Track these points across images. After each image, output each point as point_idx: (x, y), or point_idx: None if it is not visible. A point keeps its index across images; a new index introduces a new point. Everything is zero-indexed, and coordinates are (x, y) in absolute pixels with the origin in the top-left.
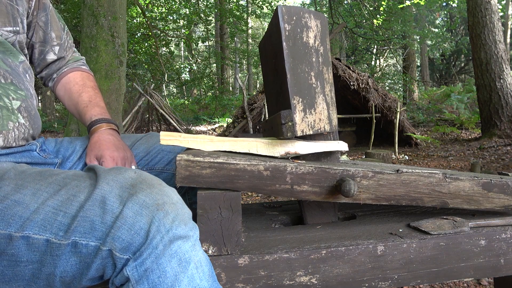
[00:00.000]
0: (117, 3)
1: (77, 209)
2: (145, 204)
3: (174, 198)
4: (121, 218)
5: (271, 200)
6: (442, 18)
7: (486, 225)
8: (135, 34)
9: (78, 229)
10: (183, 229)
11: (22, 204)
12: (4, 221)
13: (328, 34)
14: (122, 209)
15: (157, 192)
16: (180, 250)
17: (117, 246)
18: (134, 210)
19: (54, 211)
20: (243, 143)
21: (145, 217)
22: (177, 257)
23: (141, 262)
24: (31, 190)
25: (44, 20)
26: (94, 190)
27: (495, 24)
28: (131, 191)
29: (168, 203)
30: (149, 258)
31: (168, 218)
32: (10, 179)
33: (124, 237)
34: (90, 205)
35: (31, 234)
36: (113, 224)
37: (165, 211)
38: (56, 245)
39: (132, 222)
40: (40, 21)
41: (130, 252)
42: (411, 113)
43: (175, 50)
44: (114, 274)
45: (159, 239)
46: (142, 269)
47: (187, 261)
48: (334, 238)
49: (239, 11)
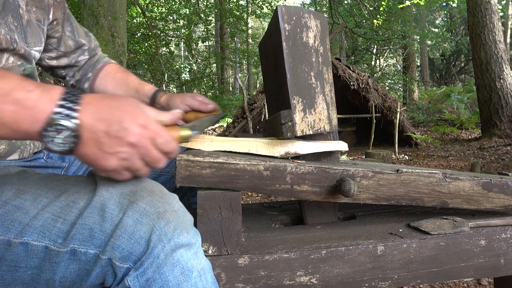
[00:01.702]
0: (117, 3)
1: (76, 216)
2: (145, 212)
3: (176, 205)
4: (121, 226)
5: (271, 200)
6: (442, 18)
7: (486, 225)
8: (135, 34)
9: (76, 236)
10: (185, 237)
11: (22, 209)
12: (4, 226)
13: (328, 34)
14: (122, 217)
15: (158, 199)
16: (183, 259)
17: (116, 255)
18: (134, 218)
19: (53, 218)
20: (243, 143)
21: (145, 225)
22: (179, 266)
23: (142, 272)
24: (31, 195)
25: (70, 29)
26: (94, 197)
27: (495, 24)
28: (131, 198)
29: (169, 211)
30: (150, 268)
31: (170, 226)
32: (12, 183)
33: (124, 246)
34: (89, 212)
35: (30, 240)
36: (113, 232)
37: (166, 220)
38: (54, 252)
39: (132, 230)
40: (67, 32)
41: (130, 261)
42: (411, 113)
43: (175, 50)
44: (115, 283)
45: (161, 248)
46: (143, 279)
47: (190, 270)
48: (334, 238)
49: (239, 11)
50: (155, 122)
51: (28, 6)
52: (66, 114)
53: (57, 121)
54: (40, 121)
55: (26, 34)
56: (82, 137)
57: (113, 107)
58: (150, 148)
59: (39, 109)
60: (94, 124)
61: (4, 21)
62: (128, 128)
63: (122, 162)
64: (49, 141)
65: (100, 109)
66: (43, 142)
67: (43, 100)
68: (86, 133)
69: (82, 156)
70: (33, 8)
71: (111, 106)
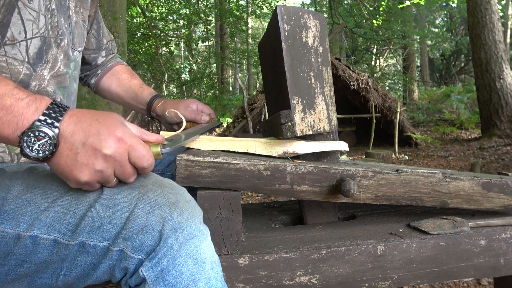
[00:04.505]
0: (117, 3)
1: (86, 209)
2: (156, 203)
3: (187, 196)
4: (132, 218)
5: (271, 200)
6: (442, 18)
7: (486, 225)
8: (135, 34)
9: (85, 229)
10: (199, 228)
11: (33, 203)
12: (14, 220)
13: (327, 34)
14: (132, 209)
15: (169, 191)
16: (196, 250)
17: (128, 246)
18: (146, 210)
19: (63, 211)
20: (241, 143)
21: (157, 216)
22: (193, 257)
23: (156, 262)
24: (42, 189)
25: (96, 28)
26: (103, 190)
27: (495, 24)
28: (141, 190)
29: (181, 201)
30: (165, 258)
31: (183, 216)
32: (23, 178)
33: (136, 236)
34: (99, 205)
35: (39, 233)
36: (124, 224)
37: (179, 210)
38: (63, 245)
39: (144, 222)
40: (93, 30)
41: (143, 253)
42: (411, 113)
43: (175, 50)
44: (128, 276)
45: (174, 238)
46: (158, 269)
47: (203, 261)
48: (334, 238)
49: (239, 11)
50: (132, 136)
51: (76, 7)
52: (49, 123)
53: (39, 128)
54: (23, 127)
55: (73, 36)
56: (60, 146)
57: (93, 120)
58: (125, 162)
59: (24, 116)
60: (72, 134)
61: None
62: (105, 140)
63: (96, 175)
64: (26, 147)
65: (81, 120)
66: (20, 147)
67: (30, 108)
68: (64, 143)
69: (56, 166)
70: (81, 9)
71: (92, 118)
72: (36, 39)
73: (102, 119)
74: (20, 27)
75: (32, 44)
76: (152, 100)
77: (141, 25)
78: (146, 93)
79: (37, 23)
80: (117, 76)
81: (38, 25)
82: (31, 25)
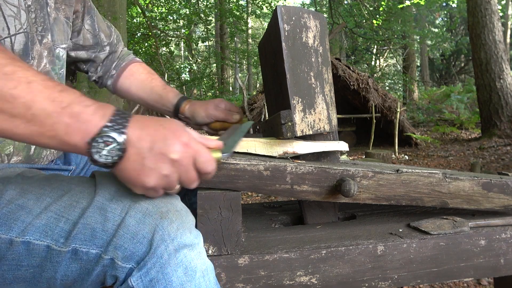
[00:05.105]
0: (117, 3)
1: (79, 216)
2: (148, 212)
3: (178, 205)
4: (123, 226)
5: (271, 200)
6: (442, 18)
7: (486, 225)
8: (135, 34)
9: (78, 236)
10: (188, 237)
11: (26, 208)
12: (7, 225)
13: (327, 34)
14: (124, 217)
15: (160, 199)
16: (186, 259)
17: (119, 255)
18: (137, 218)
19: (56, 217)
20: (241, 143)
21: (148, 225)
22: (183, 266)
23: (146, 272)
24: (35, 195)
25: (90, 23)
26: (95, 197)
27: (495, 24)
28: (133, 198)
29: (172, 211)
30: (154, 268)
31: (173, 226)
32: (17, 183)
33: (126, 246)
34: (91, 212)
35: (32, 239)
36: (115, 232)
37: (169, 219)
38: (56, 251)
39: (134, 230)
40: (86, 25)
41: (133, 262)
42: (411, 113)
43: (175, 50)
44: (118, 284)
45: (164, 248)
46: (147, 279)
47: (193, 270)
48: (334, 238)
49: (239, 11)
50: (197, 142)
51: (57, 3)
52: (116, 128)
53: (107, 133)
54: (91, 133)
55: (53, 32)
56: (127, 152)
57: (158, 125)
58: (190, 167)
59: (92, 123)
60: (139, 140)
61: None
62: (171, 145)
63: (162, 179)
64: (95, 152)
65: (146, 126)
66: (89, 154)
67: (97, 115)
68: (131, 148)
69: (124, 171)
70: (62, 5)
71: (156, 124)
72: (20, 35)
73: (166, 125)
74: (3, 24)
75: (17, 40)
76: (179, 102)
77: (141, 25)
78: (171, 95)
79: (19, 19)
80: (135, 77)
81: (20, 20)
82: (13, 21)
